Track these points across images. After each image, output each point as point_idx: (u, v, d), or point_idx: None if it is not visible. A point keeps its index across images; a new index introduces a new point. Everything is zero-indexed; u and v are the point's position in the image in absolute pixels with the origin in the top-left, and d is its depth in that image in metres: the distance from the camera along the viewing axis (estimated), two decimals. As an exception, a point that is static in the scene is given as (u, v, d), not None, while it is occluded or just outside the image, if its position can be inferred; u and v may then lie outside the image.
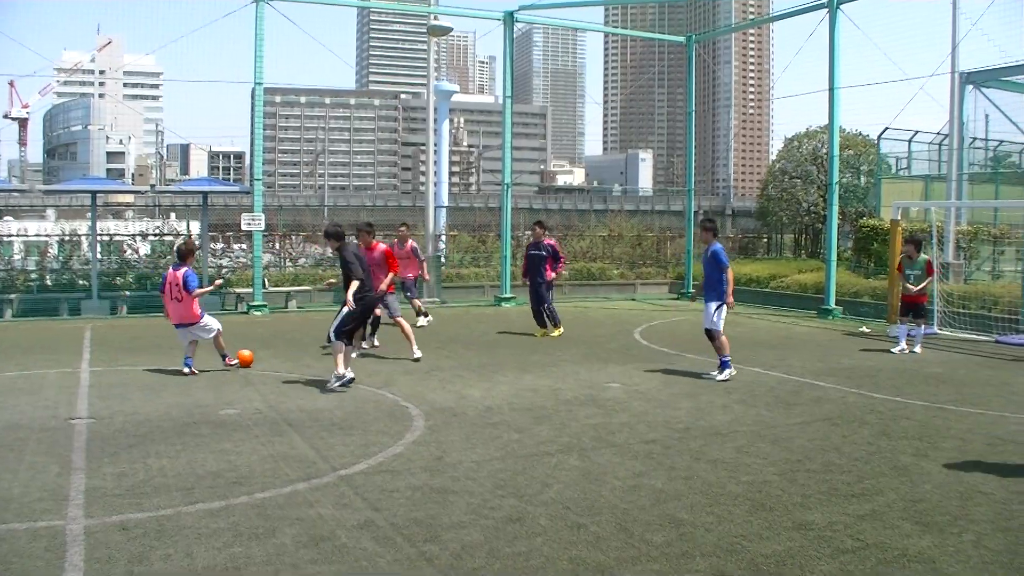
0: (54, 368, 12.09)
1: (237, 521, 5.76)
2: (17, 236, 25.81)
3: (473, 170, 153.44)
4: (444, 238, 27.43)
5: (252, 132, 22.07)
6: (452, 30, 26.00)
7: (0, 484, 6.56)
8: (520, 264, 18.68)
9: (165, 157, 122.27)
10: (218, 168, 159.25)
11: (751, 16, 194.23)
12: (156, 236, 24.79)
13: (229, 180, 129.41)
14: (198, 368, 11.63)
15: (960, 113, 24.00)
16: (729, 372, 11.49)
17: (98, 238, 21.21)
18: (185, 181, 76.85)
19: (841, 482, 6.83)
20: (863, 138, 31.05)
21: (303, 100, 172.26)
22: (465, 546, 5.35)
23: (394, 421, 8.87)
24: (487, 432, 8.41)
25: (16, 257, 23.76)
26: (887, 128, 26.02)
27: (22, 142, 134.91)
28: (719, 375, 11.48)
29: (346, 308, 10.68)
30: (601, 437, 8.26)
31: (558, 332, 16.07)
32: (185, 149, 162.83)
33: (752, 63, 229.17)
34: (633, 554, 5.26)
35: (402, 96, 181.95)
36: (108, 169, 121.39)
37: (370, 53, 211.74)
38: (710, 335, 11.77)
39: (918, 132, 26.43)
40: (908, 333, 14.64)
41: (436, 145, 33.33)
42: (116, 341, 15.18)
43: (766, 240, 34.40)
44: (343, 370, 10.62)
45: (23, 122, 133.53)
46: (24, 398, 9.89)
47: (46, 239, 24.85)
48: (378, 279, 12.95)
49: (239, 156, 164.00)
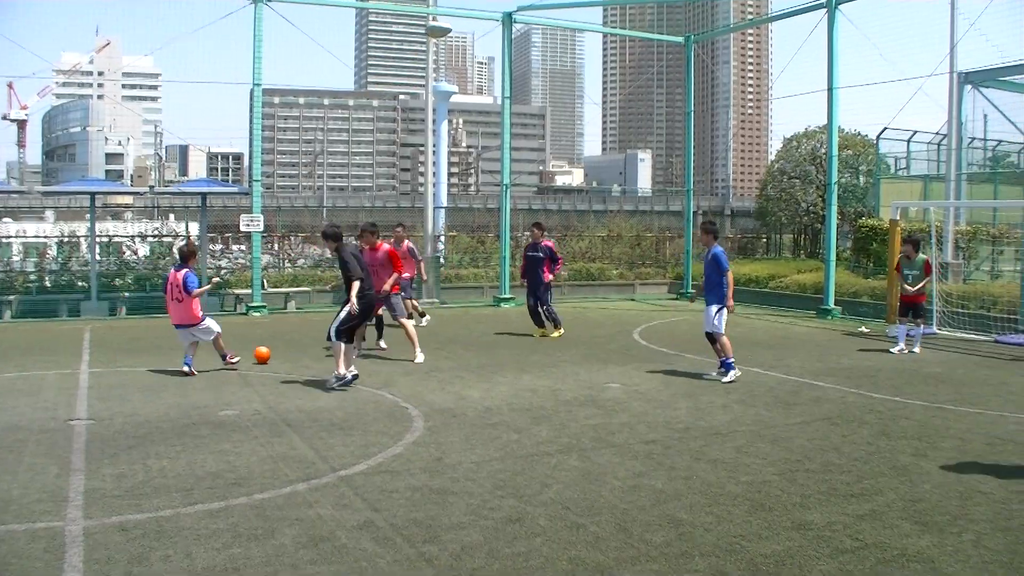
0: (53, 369, 12.08)
1: (236, 522, 5.76)
2: (16, 237, 25.80)
3: (472, 171, 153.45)
4: (443, 239, 27.41)
5: (251, 133, 22.06)
6: (451, 31, 26.00)
7: (-1, 485, 6.57)
8: (519, 265, 18.69)
9: (164, 158, 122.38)
10: (217, 169, 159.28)
11: (750, 16, 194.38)
12: (155, 237, 24.77)
13: (228, 181, 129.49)
14: (198, 369, 11.67)
15: (959, 113, 24.01)
16: (734, 374, 11.37)
17: (97, 239, 21.21)
18: (184, 182, 76.83)
19: (840, 482, 6.83)
20: (862, 138, 31.06)
21: (302, 101, 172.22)
22: (464, 547, 5.36)
23: (393, 422, 8.87)
24: (486, 433, 8.41)
25: (15, 258, 23.75)
26: (886, 128, 26.04)
27: (21, 144, 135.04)
28: (724, 377, 11.37)
29: (347, 308, 10.71)
30: (601, 437, 8.27)
31: (558, 333, 16.07)
32: (184, 150, 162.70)
33: (751, 63, 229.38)
34: (632, 554, 5.26)
35: (401, 97, 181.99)
36: (107, 170, 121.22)
37: (369, 54, 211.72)
38: (711, 337, 11.76)
39: (917, 132, 26.45)
40: (907, 333, 14.66)
41: (435, 146, 33.32)
42: (115, 342, 15.18)
43: (765, 240, 34.42)
44: (343, 370, 10.66)
45: (22, 123, 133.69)
46: (23, 399, 9.89)
47: (45, 240, 24.84)
48: (381, 279, 12.97)
49: (238, 157, 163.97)
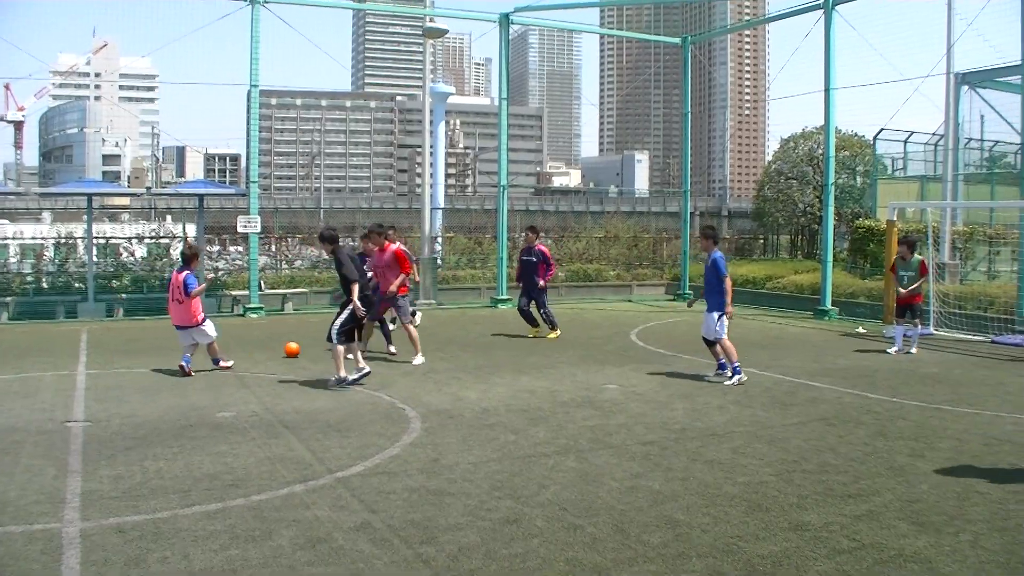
0: (50, 371, 12.07)
1: (234, 523, 5.76)
2: (13, 239, 25.77)
3: (469, 172, 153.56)
4: (440, 240, 27.42)
5: (248, 134, 22.09)
6: (448, 32, 26.00)
7: (-4, 487, 6.55)
8: (515, 267, 18.69)
9: (161, 160, 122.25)
10: (214, 170, 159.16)
11: (747, 17, 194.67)
12: (152, 239, 24.75)
13: (225, 182, 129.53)
14: (195, 370, 11.70)
15: (955, 114, 24.04)
16: (739, 378, 11.23)
17: (94, 241, 21.21)
18: (181, 184, 76.91)
19: (837, 482, 6.84)
20: (859, 139, 31.07)
21: (299, 102, 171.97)
22: (462, 548, 5.36)
23: (391, 423, 8.86)
24: (484, 434, 8.41)
25: (12, 260, 23.73)
26: (883, 129, 26.10)
27: (18, 145, 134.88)
28: (728, 380, 11.26)
29: (347, 311, 10.80)
30: (598, 438, 8.27)
31: (555, 334, 16.07)
32: (181, 151, 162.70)
33: (748, 64, 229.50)
34: (630, 555, 5.26)
35: (398, 98, 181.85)
36: (104, 172, 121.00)
37: (366, 55, 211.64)
38: (708, 340, 11.74)
39: (914, 133, 26.50)
40: (904, 333, 14.67)
41: (432, 147, 33.32)
42: (112, 344, 15.16)
43: (762, 241, 34.44)
44: (344, 373, 10.76)
45: (19, 125, 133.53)
46: (20, 401, 9.88)
47: (42, 242, 24.79)
48: (388, 280, 13.00)
49: (235, 158, 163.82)
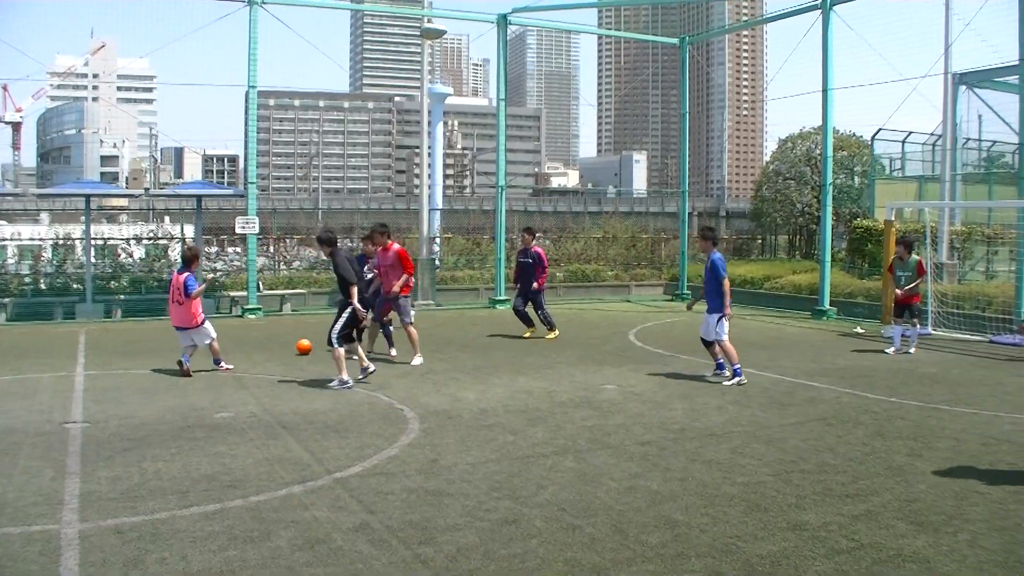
0: (48, 372, 12.06)
1: (232, 524, 5.75)
2: (11, 240, 25.78)
3: (467, 173, 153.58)
4: (438, 241, 27.41)
5: (246, 135, 22.11)
6: (446, 33, 26.03)
7: (-6, 489, 6.55)
8: (513, 268, 18.70)
9: (159, 161, 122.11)
10: (212, 171, 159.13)
11: (744, 18, 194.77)
12: (150, 240, 24.75)
13: (223, 183, 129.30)
14: (194, 371, 11.72)
15: (953, 114, 24.06)
16: (739, 380, 11.23)
17: (92, 242, 21.20)
18: (179, 184, 76.85)
19: (836, 482, 6.84)
20: (857, 139, 31.08)
21: (297, 103, 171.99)
22: (460, 548, 5.35)
23: (389, 424, 8.86)
24: (482, 434, 8.41)
25: (10, 261, 23.73)
26: (881, 129, 26.12)
27: (15, 146, 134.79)
28: (727, 381, 11.27)
29: (347, 314, 10.88)
30: (596, 439, 8.27)
31: (553, 335, 16.07)
32: (179, 152, 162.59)
33: (746, 65, 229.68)
34: (628, 555, 5.26)
35: (396, 99, 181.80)
36: (102, 173, 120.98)
37: (364, 56, 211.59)
38: (706, 342, 11.74)
39: (912, 133, 26.53)
40: (902, 333, 14.67)
41: (430, 148, 33.32)
42: (110, 345, 15.15)
43: (760, 241, 34.44)
44: (345, 375, 10.81)
45: (16, 126, 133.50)
46: (18, 402, 9.87)
47: (40, 243, 24.78)
48: (390, 280, 13.01)
49: (233, 159, 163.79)
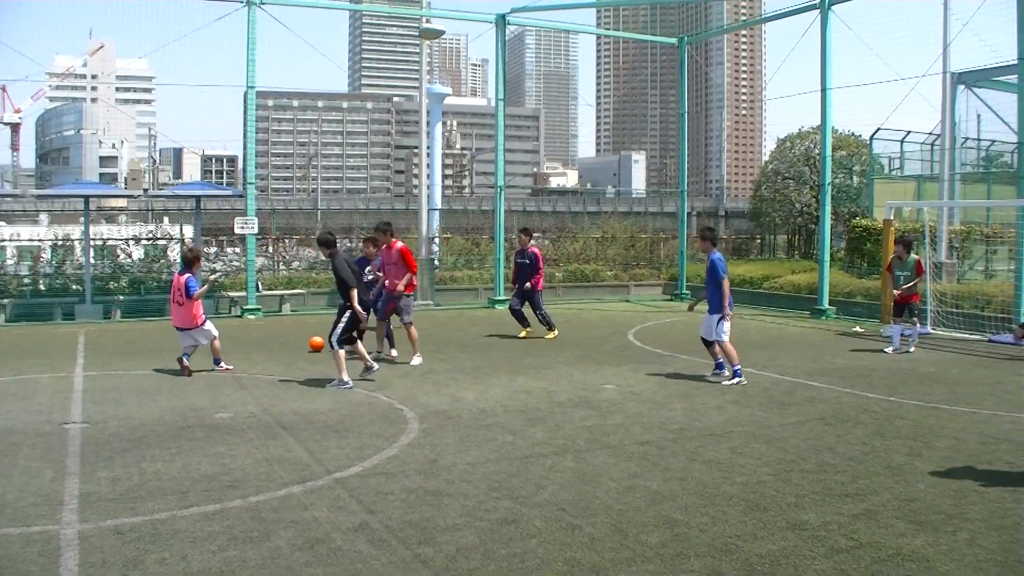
0: (48, 373, 12.06)
1: (232, 524, 5.76)
2: (10, 241, 25.80)
3: (466, 173, 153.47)
4: (437, 241, 27.41)
5: (245, 136, 22.09)
6: (444, 33, 26.01)
7: (-6, 489, 6.55)
8: (512, 269, 18.72)
9: (158, 161, 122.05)
10: (211, 172, 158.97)
11: (743, 17, 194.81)
12: (149, 240, 24.75)
13: (222, 184, 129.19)
14: (193, 370, 11.75)
15: (952, 113, 24.06)
16: (739, 380, 11.22)
17: (91, 242, 21.20)
18: (178, 185, 76.75)
19: (835, 482, 6.84)
20: (856, 138, 31.09)
21: (296, 103, 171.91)
22: (460, 548, 5.36)
23: (388, 424, 8.86)
24: (481, 434, 8.41)
25: (9, 262, 23.75)
26: (879, 128, 26.08)
27: (14, 147, 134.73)
28: (727, 381, 11.26)
29: (346, 316, 10.95)
30: (596, 439, 8.27)
31: (552, 335, 16.08)
32: (178, 153, 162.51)
33: (744, 64, 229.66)
34: (628, 555, 5.26)
35: (395, 99, 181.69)
36: (101, 173, 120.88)
37: (362, 56, 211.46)
38: (706, 341, 11.74)
39: (910, 132, 26.52)
40: (902, 333, 14.68)
41: (429, 148, 33.29)
42: (110, 345, 15.16)
43: (759, 241, 34.46)
44: (345, 376, 10.87)
45: (15, 127, 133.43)
46: (18, 403, 9.87)
47: (39, 244, 24.80)
48: (393, 279, 13.02)
49: (232, 160, 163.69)
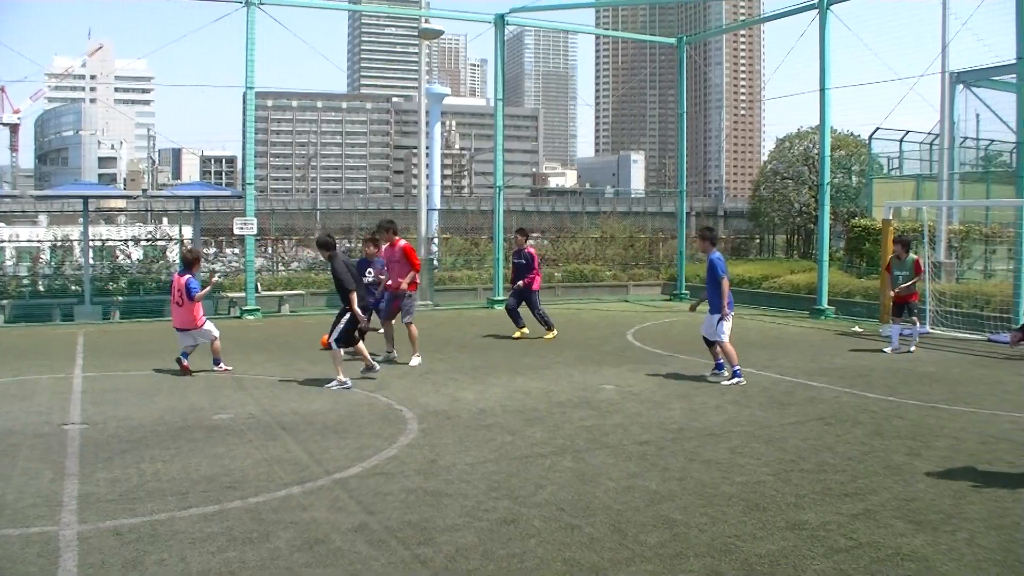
0: (47, 374, 12.05)
1: (231, 525, 5.75)
2: (9, 242, 25.78)
3: (465, 173, 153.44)
4: (436, 241, 27.41)
5: (244, 136, 22.09)
6: (443, 33, 26.02)
7: (-7, 490, 6.54)
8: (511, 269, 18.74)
9: (157, 162, 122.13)
10: (210, 172, 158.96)
11: (742, 17, 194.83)
12: (148, 241, 24.74)
13: (221, 184, 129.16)
14: (193, 370, 11.76)
15: (951, 113, 24.07)
16: (738, 380, 11.21)
17: (90, 243, 21.19)
18: (177, 186, 76.79)
19: (835, 481, 6.84)
20: (854, 138, 31.11)
21: (295, 104, 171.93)
22: (459, 548, 5.35)
23: (388, 424, 8.86)
24: (481, 435, 8.41)
25: (8, 263, 23.74)
26: (878, 128, 26.09)
27: (13, 148, 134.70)
28: (726, 381, 11.25)
29: (346, 317, 10.97)
30: (595, 439, 8.27)
31: (551, 335, 16.08)
32: (177, 154, 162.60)
33: (743, 64, 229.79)
34: (627, 555, 5.26)
35: (394, 99, 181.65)
36: (100, 174, 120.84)
37: (361, 56, 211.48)
38: (708, 341, 11.74)
39: (909, 132, 26.52)
40: (901, 332, 14.68)
41: (428, 148, 33.26)
42: (109, 346, 15.15)
43: (758, 241, 34.48)
44: (343, 376, 10.90)
45: (14, 128, 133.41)
46: (17, 404, 9.87)
47: (38, 245, 24.78)
48: (397, 277, 13.03)
49: (231, 160, 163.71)
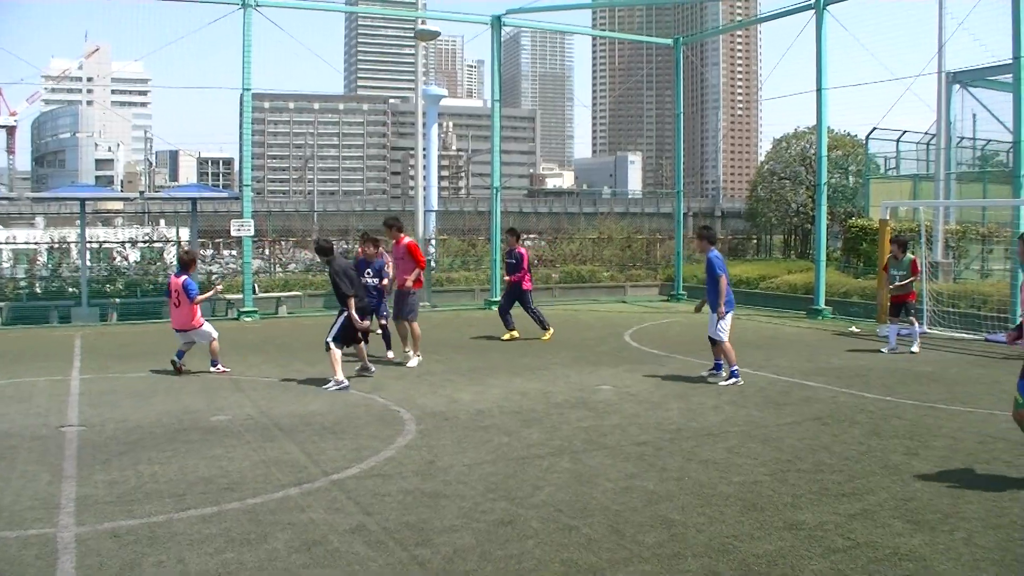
0: (44, 376, 12.03)
1: (229, 527, 5.75)
2: (6, 244, 25.76)
3: (462, 174, 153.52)
4: (434, 242, 27.40)
5: (240, 138, 21.99)
6: (440, 34, 26.01)
7: (-10, 493, 6.54)
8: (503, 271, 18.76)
9: (154, 164, 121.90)
10: (207, 174, 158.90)
11: (739, 18, 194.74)
12: (145, 243, 24.72)
13: (218, 186, 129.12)
14: (189, 371, 11.74)
15: (947, 113, 24.09)
16: (736, 381, 11.23)
17: (87, 245, 21.17)
18: (174, 187, 76.74)
19: (832, 481, 6.85)
20: (851, 138, 31.12)
21: (292, 105, 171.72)
22: (457, 549, 5.36)
23: (385, 425, 8.86)
24: (478, 436, 8.41)
25: (5, 265, 23.71)
26: (875, 128, 26.10)
27: (10, 150, 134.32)
28: (724, 381, 11.28)
29: (343, 318, 11.01)
30: (592, 439, 8.27)
31: (548, 335, 16.08)
32: (174, 155, 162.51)
33: (740, 65, 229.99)
34: (625, 555, 5.27)
35: (391, 101, 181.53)
36: (97, 176, 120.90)
37: (358, 58, 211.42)
38: (713, 341, 11.74)
39: (906, 132, 26.52)
40: (899, 332, 14.69)
41: (425, 149, 33.26)
42: (106, 348, 15.13)
43: (755, 241, 34.47)
44: (341, 376, 10.90)
45: (11, 130, 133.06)
46: (14, 406, 9.86)
47: (35, 247, 24.75)
48: (401, 275, 13.05)
49: (228, 162, 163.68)
